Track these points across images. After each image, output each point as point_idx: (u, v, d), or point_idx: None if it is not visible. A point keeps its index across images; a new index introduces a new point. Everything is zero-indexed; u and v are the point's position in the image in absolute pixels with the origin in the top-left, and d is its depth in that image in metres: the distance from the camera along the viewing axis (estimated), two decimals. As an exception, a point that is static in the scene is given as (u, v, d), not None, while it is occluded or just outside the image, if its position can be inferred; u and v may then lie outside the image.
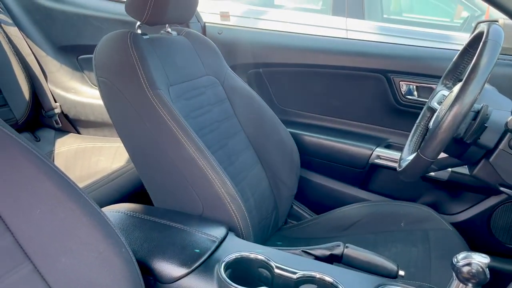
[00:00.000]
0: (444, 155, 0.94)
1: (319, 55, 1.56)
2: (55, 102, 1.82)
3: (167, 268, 0.75)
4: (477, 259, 0.60)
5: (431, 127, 0.96)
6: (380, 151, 1.46)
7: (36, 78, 1.75)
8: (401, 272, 0.82)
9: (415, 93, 1.45)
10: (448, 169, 1.33)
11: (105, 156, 1.68)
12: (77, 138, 1.82)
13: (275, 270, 0.73)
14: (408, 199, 1.44)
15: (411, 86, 1.45)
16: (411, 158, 0.92)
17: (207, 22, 1.71)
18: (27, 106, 1.69)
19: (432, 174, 1.35)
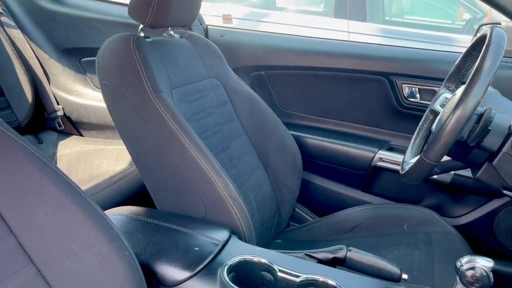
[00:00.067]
0: (447, 158, 0.94)
1: (321, 58, 1.56)
2: (58, 104, 1.82)
3: (170, 271, 0.75)
4: (481, 263, 0.60)
5: (434, 130, 0.96)
6: (382, 154, 1.46)
7: (39, 81, 1.75)
8: (404, 276, 0.82)
9: (418, 95, 1.45)
10: (451, 172, 1.33)
11: (107, 159, 1.69)
12: (79, 141, 1.82)
13: (278, 273, 0.73)
14: (411, 201, 1.44)
15: (413, 88, 1.45)
16: (414, 161, 0.92)
17: (209, 25, 1.71)
18: (30, 109, 1.70)
19: (435, 176, 1.35)
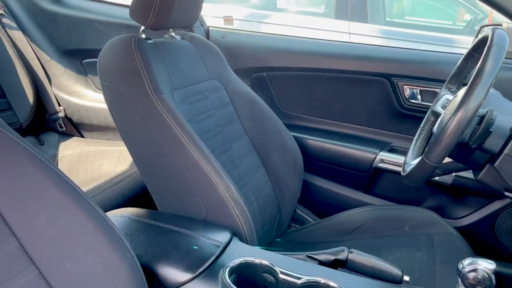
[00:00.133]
0: (448, 159, 0.94)
1: (323, 59, 1.56)
2: (59, 106, 1.83)
3: (171, 273, 0.75)
4: (483, 265, 0.60)
5: (436, 131, 0.96)
6: (383, 155, 1.46)
7: (40, 82, 1.75)
8: (406, 278, 0.82)
9: (419, 97, 1.45)
10: (452, 173, 1.33)
11: (108, 160, 1.69)
12: (80, 142, 1.83)
13: (280, 275, 0.73)
14: (412, 203, 1.44)
15: (414, 90, 1.45)
16: (415, 162, 0.92)
17: (210, 26, 1.71)
18: (31, 110, 1.70)
19: (436, 178, 1.35)
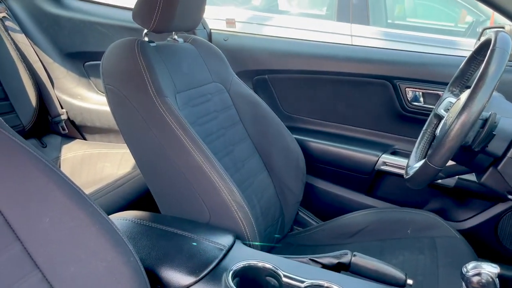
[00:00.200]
0: (451, 162, 0.94)
1: (325, 62, 1.56)
2: (62, 108, 1.83)
3: (175, 277, 0.75)
4: (487, 269, 0.60)
5: (439, 134, 0.96)
6: (386, 158, 1.45)
7: (43, 85, 1.76)
8: (409, 281, 0.82)
9: (421, 99, 1.45)
10: (455, 176, 1.32)
11: (111, 162, 1.69)
12: (83, 144, 1.83)
13: (283, 278, 0.73)
14: (415, 206, 1.44)
15: (417, 92, 1.44)
16: (418, 165, 0.91)
17: (213, 29, 1.71)
18: (34, 113, 1.70)
19: (439, 181, 1.34)
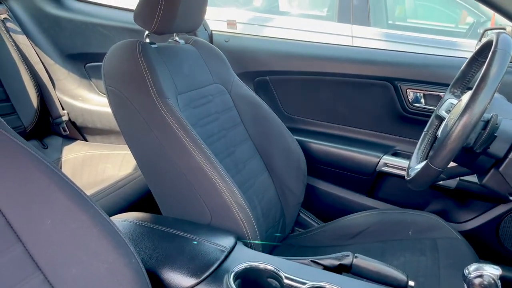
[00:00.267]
0: (453, 164, 0.94)
1: (326, 63, 1.56)
2: (63, 109, 1.83)
3: (176, 278, 0.75)
4: (489, 271, 0.60)
5: (440, 136, 0.96)
6: (387, 159, 1.45)
7: (44, 86, 1.76)
8: (411, 283, 0.82)
9: (422, 100, 1.45)
10: (457, 177, 1.32)
11: (112, 164, 1.69)
12: (84, 146, 1.83)
13: (285, 280, 0.73)
14: (416, 207, 1.44)
15: (418, 94, 1.44)
16: (419, 167, 0.91)
17: (214, 30, 1.71)
18: (35, 114, 1.70)
19: (440, 182, 1.34)
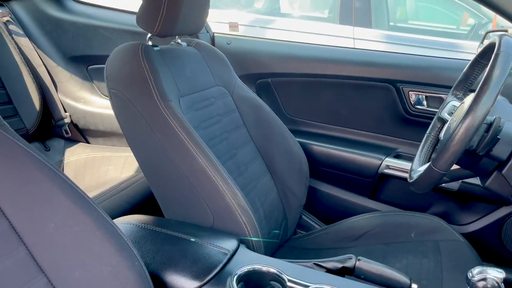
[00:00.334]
0: (456, 166, 0.94)
1: (328, 65, 1.56)
2: (65, 112, 1.83)
3: (179, 281, 0.75)
4: (492, 274, 0.60)
5: (443, 138, 0.95)
6: (389, 161, 1.45)
7: (46, 88, 1.76)
8: (414, 286, 0.81)
9: (425, 103, 1.45)
10: (459, 180, 1.32)
11: (114, 166, 1.69)
12: (86, 148, 1.83)
13: (288, 283, 0.73)
14: (418, 209, 1.43)
15: (420, 96, 1.44)
16: (422, 169, 0.91)
17: (216, 33, 1.72)
18: (37, 116, 1.71)
19: (442, 184, 1.34)
